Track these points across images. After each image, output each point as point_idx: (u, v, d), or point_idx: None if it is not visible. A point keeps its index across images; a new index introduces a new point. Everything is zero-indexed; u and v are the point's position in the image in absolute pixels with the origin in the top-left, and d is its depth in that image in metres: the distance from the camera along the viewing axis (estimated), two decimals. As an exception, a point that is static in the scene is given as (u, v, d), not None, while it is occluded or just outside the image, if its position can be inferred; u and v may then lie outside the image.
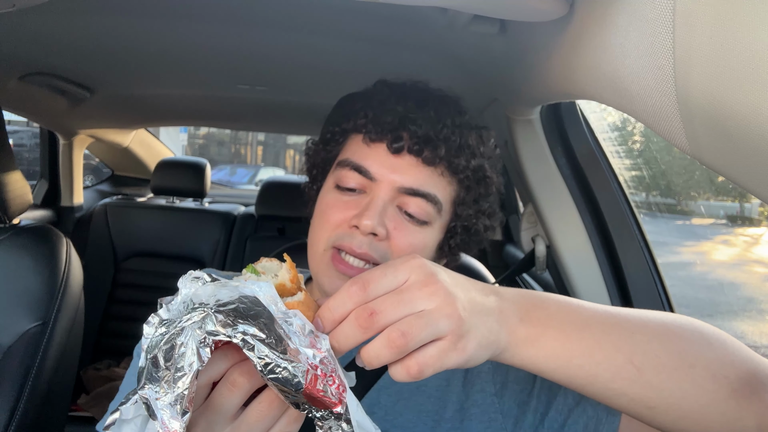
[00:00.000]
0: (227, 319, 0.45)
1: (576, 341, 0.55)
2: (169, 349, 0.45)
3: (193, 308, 0.47)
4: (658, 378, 0.55)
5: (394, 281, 0.51)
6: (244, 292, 0.47)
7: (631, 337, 0.56)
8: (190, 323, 0.45)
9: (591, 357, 0.55)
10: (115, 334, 2.62)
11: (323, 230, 0.78)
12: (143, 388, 0.45)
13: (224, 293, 0.47)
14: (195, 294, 0.48)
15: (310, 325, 0.49)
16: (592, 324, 0.56)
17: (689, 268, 2.02)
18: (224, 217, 2.76)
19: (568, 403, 0.71)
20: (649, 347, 0.56)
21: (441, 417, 0.74)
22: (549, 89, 0.86)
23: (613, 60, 0.55)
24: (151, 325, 0.48)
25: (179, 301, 0.49)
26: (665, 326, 0.58)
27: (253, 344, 0.44)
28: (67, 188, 2.73)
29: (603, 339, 0.55)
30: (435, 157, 0.76)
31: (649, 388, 0.55)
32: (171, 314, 0.48)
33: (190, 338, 0.45)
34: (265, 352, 0.44)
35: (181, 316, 0.46)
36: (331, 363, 0.47)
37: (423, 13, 0.96)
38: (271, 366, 0.44)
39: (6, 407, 1.18)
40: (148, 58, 1.47)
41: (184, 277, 0.51)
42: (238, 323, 0.45)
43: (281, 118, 2.44)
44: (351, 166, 0.78)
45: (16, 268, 1.28)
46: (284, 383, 0.45)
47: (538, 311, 0.56)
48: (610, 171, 1.32)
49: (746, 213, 2.11)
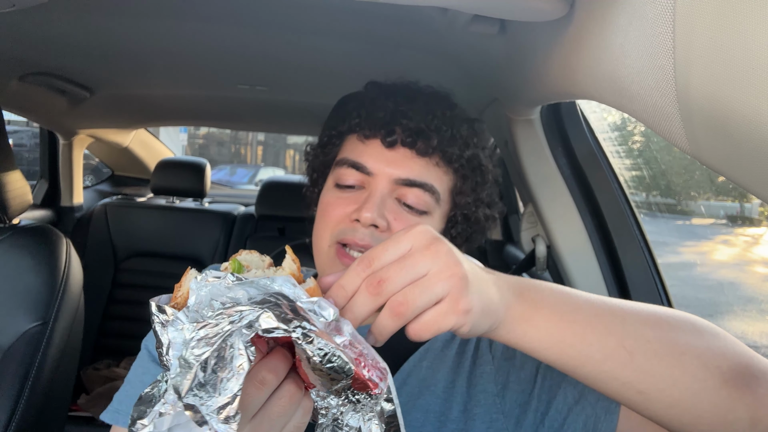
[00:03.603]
0: (282, 315, 0.44)
1: (568, 322, 0.56)
2: (217, 352, 0.44)
3: (224, 307, 0.45)
4: (649, 363, 0.56)
5: (397, 251, 0.52)
6: (269, 289, 0.47)
7: (623, 323, 0.57)
8: (241, 325, 0.44)
9: (583, 338, 0.56)
10: (115, 334, 2.62)
11: (326, 227, 0.80)
12: (187, 396, 0.43)
13: (252, 291, 0.47)
14: (214, 293, 0.47)
15: (335, 309, 0.49)
16: (585, 308, 0.58)
17: (689, 268, 2.02)
18: (224, 217, 2.76)
19: (568, 402, 0.71)
20: (640, 333, 0.57)
21: (447, 417, 0.75)
22: (549, 89, 0.86)
23: (613, 60, 0.55)
24: (177, 329, 0.46)
25: (198, 301, 0.47)
26: (657, 316, 0.60)
27: (312, 337, 0.44)
28: (66, 188, 2.73)
29: (595, 321, 0.57)
30: (428, 148, 0.78)
31: (640, 372, 0.55)
32: (197, 315, 0.46)
33: (238, 338, 0.44)
34: (321, 344, 0.45)
35: (220, 317, 0.45)
36: (360, 345, 0.48)
37: (423, 13, 0.96)
38: (328, 356, 0.45)
39: (6, 407, 1.18)
40: (148, 58, 1.47)
41: (196, 277, 0.48)
42: (290, 317, 0.45)
43: (281, 118, 2.44)
44: (348, 163, 0.80)
45: (16, 268, 1.28)
46: (338, 371, 0.45)
47: (533, 293, 0.57)
48: (610, 171, 1.32)
49: (746, 213, 2.11)
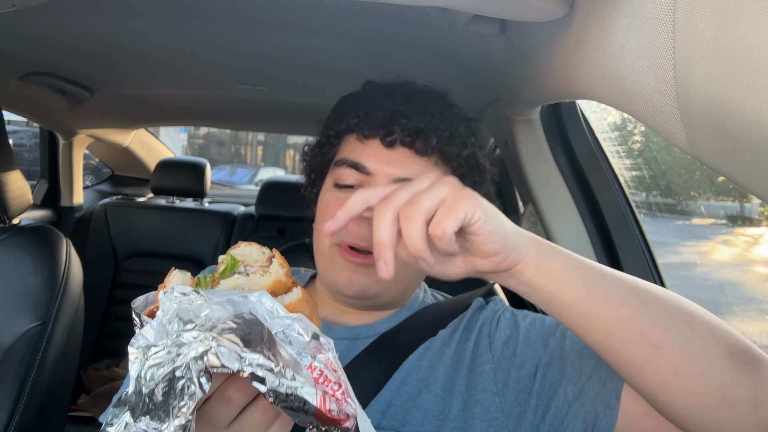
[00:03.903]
0: (232, 350, 0.41)
1: (585, 264, 0.59)
2: (167, 381, 0.41)
3: (184, 329, 0.42)
4: (661, 315, 0.57)
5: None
6: (238, 308, 0.44)
7: (635, 282, 0.59)
8: (189, 357, 0.41)
9: (603, 278, 0.58)
10: (115, 334, 2.61)
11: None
12: (139, 421, 0.41)
13: (216, 310, 0.43)
14: (181, 309, 0.44)
15: (314, 328, 0.46)
16: (598, 266, 0.60)
17: (689, 268, 2.02)
18: (224, 217, 2.76)
19: (568, 398, 0.71)
20: (651, 292, 0.59)
21: (447, 416, 0.75)
22: (549, 89, 0.86)
23: (613, 60, 0.55)
24: (138, 347, 0.43)
25: (163, 317, 0.44)
26: (661, 288, 0.61)
27: (263, 376, 0.41)
28: (66, 188, 2.73)
29: (607, 272, 0.59)
30: (427, 147, 0.78)
31: (653, 323, 0.56)
32: (158, 334, 0.43)
33: (191, 369, 0.41)
34: (274, 383, 0.41)
35: (176, 342, 0.42)
36: (337, 369, 0.46)
37: (423, 13, 0.96)
38: (281, 395, 0.42)
39: (6, 407, 1.18)
40: (148, 58, 1.47)
41: (166, 291, 0.46)
42: (244, 353, 0.41)
43: (281, 118, 2.44)
44: (347, 164, 0.80)
45: (15, 268, 1.28)
46: (296, 410, 0.43)
47: (546, 242, 0.60)
48: (610, 171, 1.31)
49: (746, 213, 2.11)
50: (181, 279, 0.53)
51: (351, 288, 0.78)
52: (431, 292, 0.96)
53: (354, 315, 0.85)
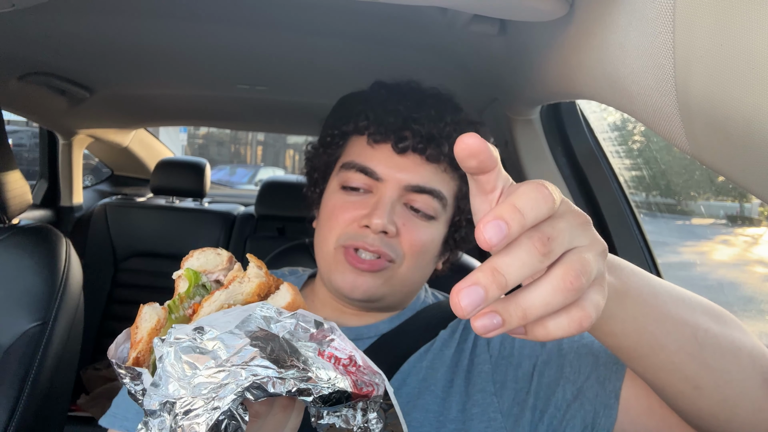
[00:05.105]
0: (271, 376, 0.40)
1: (652, 306, 0.51)
2: (212, 429, 0.40)
3: (206, 369, 0.40)
4: (713, 357, 0.52)
5: (546, 206, 0.37)
6: (246, 327, 0.43)
7: (693, 313, 0.53)
8: (229, 398, 0.39)
9: (663, 325, 0.51)
10: (115, 334, 2.58)
11: (332, 230, 0.79)
12: None
13: (227, 339, 0.42)
14: (187, 348, 0.41)
15: (313, 316, 0.46)
16: (662, 293, 0.52)
17: (689, 268, 2.01)
18: (224, 217, 2.76)
19: (567, 398, 0.71)
20: (707, 326, 0.53)
21: (446, 417, 0.75)
22: (549, 89, 0.86)
23: (613, 60, 0.55)
24: (157, 403, 0.41)
25: (169, 365, 0.41)
26: (713, 308, 0.56)
27: (306, 388, 0.41)
28: (66, 188, 2.73)
29: (672, 309, 0.52)
30: (439, 154, 0.78)
31: (704, 366, 0.53)
32: (173, 385, 0.41)
33: (231, 407, 0.40)
34: (317, 390, 0.41)
35: (207, 385, 0.40)
36: (347, 346, 0.46)
37: (423, 13, 0.96)
38: (324, 397, 0.42)
39: (6, 407, 1.18)
40: (148, 58, 1.47)
41: (163, 339, 0.43)
42: (281, 373, 0.41)
43: (281, 118, 2.44)
44: (356, 168, 0.79)
45: (15, 268, 1.28)
46: (335, 401, 0.43)
47: (619, 271, 0.50)
48: (610, 171, 1.31)
49: (746, 213, 2.11)
50: (154, 315, 0.49)
51: (356, 292, 0.78)
52: (432, 292, 0.96)
53: (355, 316, 0.85)
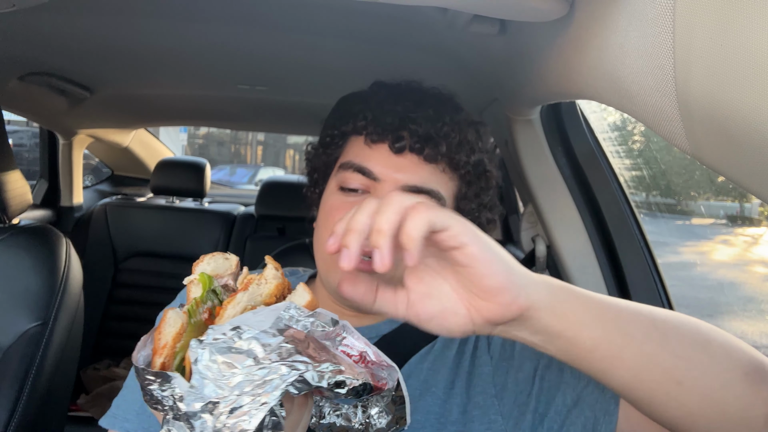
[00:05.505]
0: (310, 370, 0.41)
1: (601, 303, 0.55)
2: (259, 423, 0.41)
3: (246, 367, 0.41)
4: (682, 347, 0.54)
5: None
6: (278, 325, 0.44)
7: (650, 313, 0.56)
8: (277, 393, 0.40)
9: (619, 316, 0.54)
10: (115, 334, 2.61)
11: (330, 231, 0.79)
12: None
13: (263, 338, 0.43)
14: (222, 348, 0.43)
15: (329, 314, 0.48)
16: (606, 299, 0.56)
17: (689, 268, 2.02)
18: (224, 217, 2.76)
19: (567, 403, 0.71)
20: (668, 322, 0.56)
21: (447, 419, 0.74)
22: (549, 89, 0.86)
23: (613, 60, 0.55)
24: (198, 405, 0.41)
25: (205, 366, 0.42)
26: (673, 313, 0.59)
27: (342, 380, 0.43)
28: (66, 188, 2.73)
29: (622, 307, 0.55)
30: (436, 155, 0.77)
31: (676, 356, 0.54)
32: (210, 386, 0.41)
33: (274, 404, 0.41)
34: (349, 381, 0.43)
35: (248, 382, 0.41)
36: (358, 341, 0.48)
37: (423, 13, 0.96)
38: (357, 388, 0.43)
39: (6, 407, 1.18)
40: (148, 57, 1.47)
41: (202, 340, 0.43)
42: (317, 366, 0.42)
43: (281, 118, 2.44)
44: (354, 168, 0.79)
45: (15, 268, 1.28)
46: (359, 393, 0.44)
47: (557, 282, 0.55)
48: (610, 171, 1.31)
49: (746, 213, 2.11)
50: (179, 320, 0.51)
51: None
52: None
53: (355, 317, 0.85)
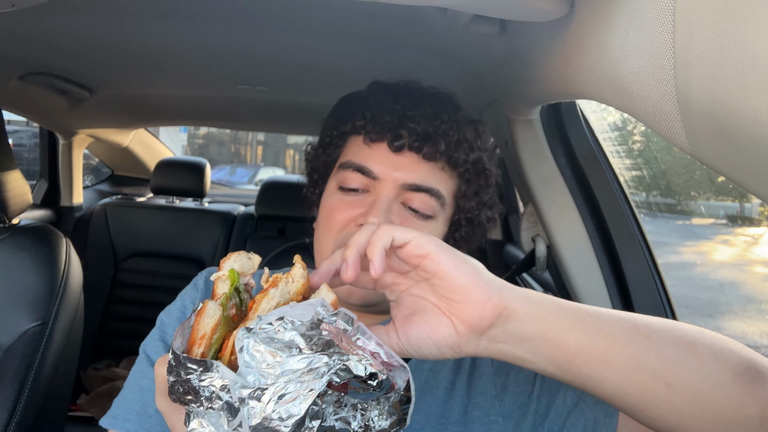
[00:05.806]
0: (350, 359, 0.43)
1: (580, 309, 0.55)
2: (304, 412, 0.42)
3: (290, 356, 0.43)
4: (668, 349, 0.54)
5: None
6: (314, 320, 0.46)
7: (632, 317, 0.56)
8: (323, 382, 0.42)
9: (600, 319, 0.54)
10: (115, 334, 2.61)
11: (330, 231, 0.79)
12: None
13: (303, 330, 0.45)
14: (268, 339, 0.44)
15: (348, 313, 0.49)
16: (589, 307, 0.57)
17: (689, 268, 2.02)
18: (224, 217, 2.76)
19: (567, 405, 0.71)
20: (651, 326, 0.56)
21: (447, 420, 0.75)
22: (549, 89, 0.86)
23: (613, 60, 0.55)
24: (244, 391, 0.43)
25: (252, 356, 0.44)
26: (656, 318, 0.59)
27: (376, 371, 0.44)
28: (66, 188, 2.73)
29: (604, 313, 0.56)
30: (435, 153, 0.77)
31: (662, 358, 0.54)
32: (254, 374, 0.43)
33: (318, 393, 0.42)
34: (380, 373, 0.44)
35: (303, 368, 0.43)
36: (372, 338, 0.49)
37: (423, 13, 0.96)
38: (385, 381, 0.45)
39: (6, 407, 1.18)
40: (148, 58, 1.47)
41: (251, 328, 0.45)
42: (354, 355, 0.44)
43: (281, 118, 2.44)
44: (353, 167, 0.79)
45: (15, 268, 1.28)
46: (381, 389, 0.45)
47: (533, 292, 0.56)
48: (610, 171, 1.31)
49: (746, 213, 2.11)
50: (217, 311, 0.51)
51: (353, 297, 0.77)
52: None
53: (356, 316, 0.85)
